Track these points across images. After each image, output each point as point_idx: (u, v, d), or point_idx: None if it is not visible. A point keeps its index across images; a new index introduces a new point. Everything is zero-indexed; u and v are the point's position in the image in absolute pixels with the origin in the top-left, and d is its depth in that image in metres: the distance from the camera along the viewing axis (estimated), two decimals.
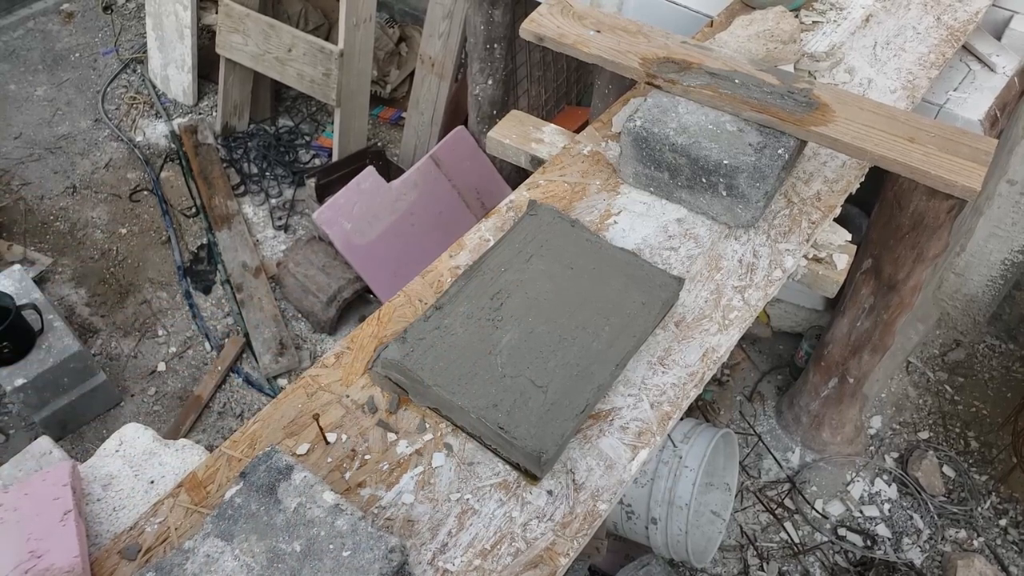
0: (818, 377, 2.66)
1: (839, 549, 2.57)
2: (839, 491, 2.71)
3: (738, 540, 2.59)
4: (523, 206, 1.49)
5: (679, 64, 1.54)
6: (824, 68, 1.79)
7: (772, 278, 1.40)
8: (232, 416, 2.88)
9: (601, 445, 1.17)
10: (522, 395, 1.16)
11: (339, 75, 3.20)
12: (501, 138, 1.71)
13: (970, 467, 2.77)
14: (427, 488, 1.12)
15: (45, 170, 3.62)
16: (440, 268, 1.40)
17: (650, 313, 1.28)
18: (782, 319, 3.03)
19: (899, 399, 2.96)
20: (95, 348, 3.02)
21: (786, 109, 1.45)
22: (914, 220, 2.13)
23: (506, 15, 2.82)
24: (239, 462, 1.14)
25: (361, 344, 1.28)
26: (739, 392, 2.95)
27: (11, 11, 4.33)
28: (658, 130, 1.45)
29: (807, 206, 1.51)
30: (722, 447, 2.38)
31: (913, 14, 1.94)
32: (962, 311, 3.09)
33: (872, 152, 1.41)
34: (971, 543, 2.59)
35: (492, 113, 3.07)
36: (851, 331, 2.48)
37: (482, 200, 3.20)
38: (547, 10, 1.67)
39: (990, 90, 1.98)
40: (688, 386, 1.25)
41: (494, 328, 1.23)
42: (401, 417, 1.20)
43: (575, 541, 1.08)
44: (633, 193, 1.53)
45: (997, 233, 2.78)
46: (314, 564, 0.95)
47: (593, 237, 1.37)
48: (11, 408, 2.82)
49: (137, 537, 1.07)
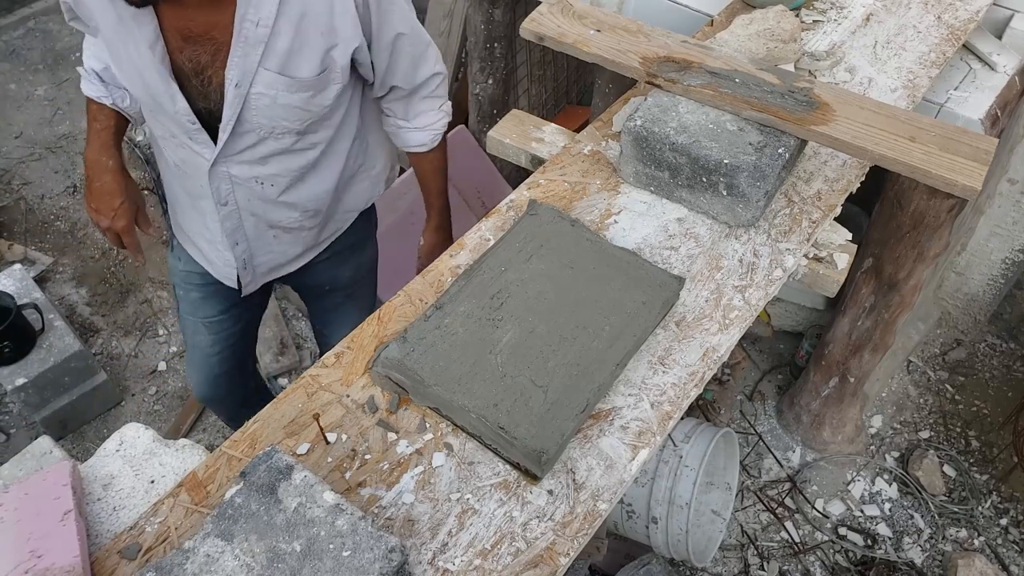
0: (819, 376, 2.65)
1: (840, 548, 2.57)
2: (840, 490, 2.71)
3: (739, 539, 2.59)
4: (523, 205, 1.49)
5: (679, 63, 1.54)
6: (825, 67, 1.79)
7: (773, 277, 1.40)
8: None
9: (601, 445, 1.17)
10: (522, 394, 1.16)
11: None
12: (501, 137, 1.71)
13: (971, 466, 2.77)
14: (427, 488, 1.12)
15: (46, 169, 3.62)
16: (440, 267, 1.40)
17: (650, 313, 1.28)
18: (783, 318, 3.03)
19: (900, 398, 2.96)
20: (96, 347, 3.02)
21: (786, 108, 1.45)
22: (915, 219, 2.13)
23: (506, 14, 2.82)
24: (239, 462, 1.14)
25: (361, 344, 1.29)
26: (740, 391, 2.95)
27: (11, 10, 4.33)
28: (658, 129, 1.45)
29: (808, 205, 1.51)
30: (723, 446, 2.38)
31: (914, 13, 1.93)
32: (963, 310, 3.09)
33: (873, 151, 1.41)
34: (972, 542, 2.59)
35: (492, 112, 3.07)
36: (852, 330, 2.48)
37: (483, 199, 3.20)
38: (547, 9, 1.67)
39: (991, 89, 1.98)
40: (688, 386, 1.25)
41: (494, 327, 1.23)
42: (401, 417, 1.20)
43: (575, 541, 1.08)
44: (633, 192, 1.53)
45: (998, 232, 2.78)
46: (314, 564, 0.95)
47: (593, 236, 1.37)
48: (12, 407, 2.83)
49: (137, 537, 1.07)
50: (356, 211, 1.82)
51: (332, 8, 1.37)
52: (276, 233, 1.71)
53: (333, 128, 1.58)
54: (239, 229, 1.66)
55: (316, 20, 1.37)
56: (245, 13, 1.33)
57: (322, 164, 1.63)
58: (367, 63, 1.51)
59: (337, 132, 1.60)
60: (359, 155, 1.71)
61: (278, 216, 1.67)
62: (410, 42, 1.52)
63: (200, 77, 1.42)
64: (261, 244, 1.72)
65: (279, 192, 1.61)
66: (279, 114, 1.46)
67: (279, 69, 1.40)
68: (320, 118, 1.52)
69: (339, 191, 1.72)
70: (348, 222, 1.82)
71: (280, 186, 1.60)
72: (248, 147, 1.52)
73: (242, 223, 1.66)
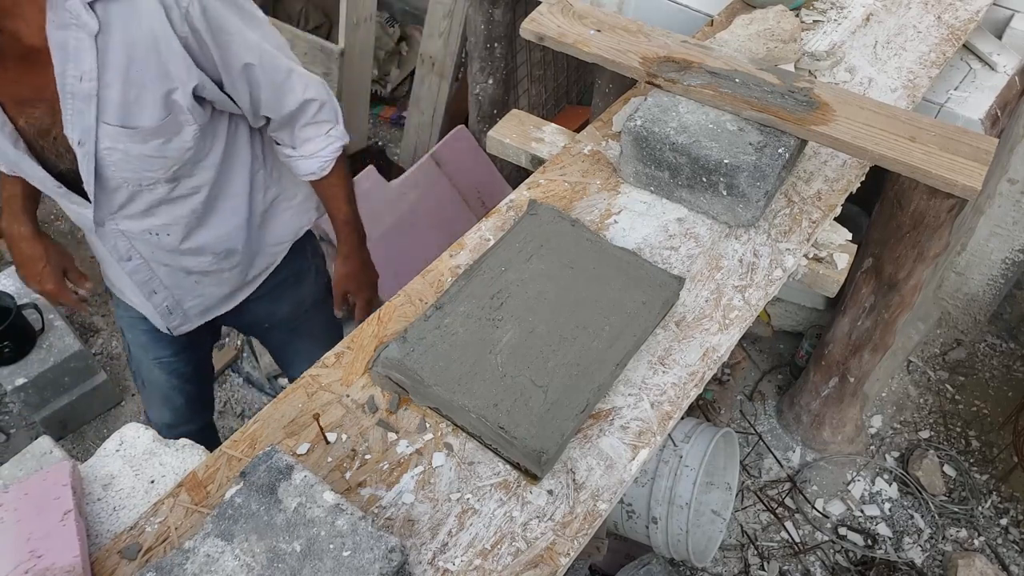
0: (819, 376, 2.66)
1: (840, 548, 2.57)
2: (840, 490, 2.71)
3: (739, 539, 2.59)
4: (523, 205, 1.49)
5: (679, 63, 1.54)
6: (825, 67, 1.79)
7: (773, 277, 1.40)
8: (232, 416, 2.88)
9: (601, 445, 1.17)
10: (522, 394, 1.16)
11: (339, 74, 3.20)
12: (501, 137, 1.71)
13: (971, 466, 2.77)
14: (427, 488, 1.12)
15: None
16: (440, 268, 1.40)
17: (650, 312, 1.28)
18: (783, 318, 3.03)
19: (900, 398, 2.96)
20: (96, 347, 3.02)
21: (786, 108, 1.45)
22: (915, 219, 2.12)
23: (506, 14, 2.82)
24: (239, 462, 1.14)
25: (361, 344, 1.28)
26: (740, 391, 2.95)
27: None
28: (658, 129, 1.45)
29: (808, 205, 1.51)
30: (723, 446, 2.38)
31: (914, 13, 1.93)
32: (963, 310, 3.09)
33: (873, 151, 1.41)
34: (972, 542, 2.59)
35: (492, 112, 3.07)
36: (852, 330, 2.48)
37: (483, 199, 3.19)
38: (547, 9, 1.67)
39: (991, 89, 1.98)
40: (688, 386, 1.25)
41: (494, 328, 1.23)
42: (401, 417, 1.20)
43: (575, 541, 1.08)
44: (633, 192, 1.53)
45: (998, 232, 2.78)
46: (314, 564, 0.95)
47: (593, 236, 1.37)
48: (12, 407, 2.83)
49: (137, 537, 1.07)
50: (286, 243, 1.77)
51: (159, 51, 1.29)
52: (196, 278, 1.68)
53: (213, 168, 1.52)
54: (152, 279, 1.64)
55: (145, 66, 1.29)
56: (65, 69, 1.27)
57: (217, 205, 1.58)
58: (222, 99, 1.43)
59: (221, 171, 1.54)
60: (268, 187, 1.66)
61: (189, 263, 1.63)
62: (264, 72, 1.43)
63: (47, 139, 1.38)
64: (184, 290, 1.69)
65: (179, 240, 1.57)
66: (137, 166, 1.40)
67: (120, 122, 1.34)
68: (189, 162, 1.46)
69: (256, 227, 1.68)
70: (279, 255, 1.78)
71: (177, 235, 1.56)
72: (125, 202, 1.47)
73: (155, 273, 1.63)
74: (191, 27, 1.30)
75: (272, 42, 1.45)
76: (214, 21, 1.32)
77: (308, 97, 1.52)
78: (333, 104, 1.60)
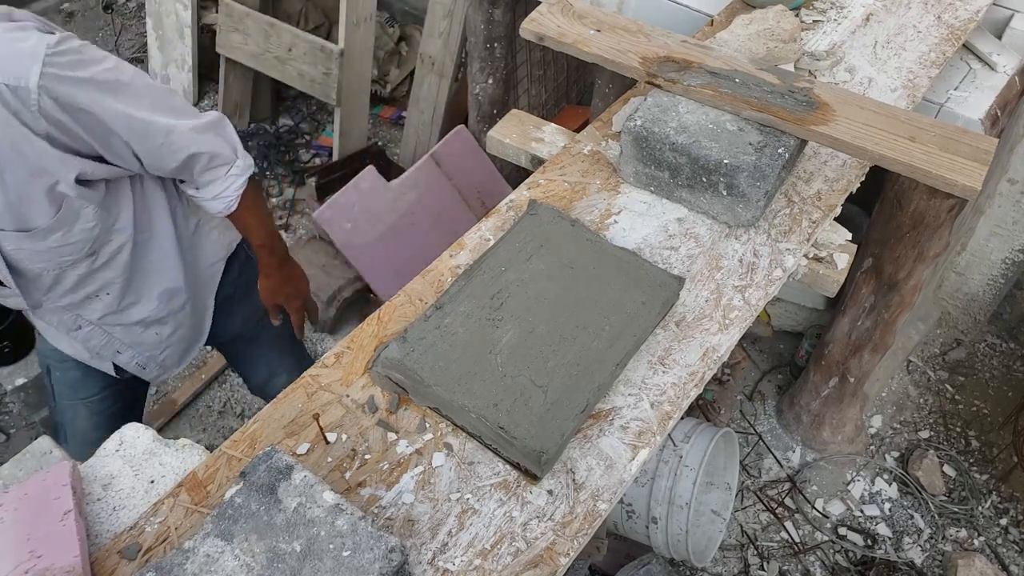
0: (818, 376, 2.65)
1: (840, 548, 2.57)
2: (839, 490, 2.71)
3: (738, 539, 2.59)
4: (523, 205, 1.49)
5: (679, 63, 1.54)
6: (824, 67, 1.79)
7: (773, 277, 1.40)
8: (232, 416, 2.88)
9: (601, 445, 1.17)
10: (522, 394, 1.16)
11: (339, 74, 3.20)
12: (501, 137, 1.71)
13: (971, 466, 2.77)
14: (427, 488, 1.12)
15: None
16: (440, 268, 1.40)
17: (650, 312, 1.28)
18: (783, 318, 3.03)
19: (900, 398, 2.96)
20: None
21: (786, 108, 1.45)
22: (915, 219, 2.12)
23: (506, 14, 2.82)
24: (239, 462, 1.14)
25: (361, 344, 1.28)
26: (740, 391, 2.95)
27: None
28: (658, 129, 1.45)
29: (808, 205, 1.51)
30: (722, 446, 2.38)
31: (914, 13, 1.93)
32: (963, 310, 3.09)
33: (872, 151, 1.41)
34: (972, 542, 2.59)
35: (492, 112, 3.07)
36: (852, 330, 2.48)
37: (483, 199, 3.20)
38: (547, 9, 1.67)
39: (991, 89, 1.98)
40: (688, 386, 1.25)
41: (494, 328, 1.23)
42: (401, 417, 1.20)
43: (575, 541, 1.08)
44: (633, 192, 1.53)
45: (998, 232, 2.78)
46: (314, 564, 0.95)
47: (593, 236, 1.37)
48: (12, 407, 2.82)
49: (137, 537, 1.07)
50: (220, 259, 1.79)
51: (23, 153, 1.26)
52: (156, 330, 1.68)
53: (128, 226, 1.50)
54: (111, 340, 1.64)
55: (18, 169, 1.27)
56: None
57: (146, 255, 1.58)
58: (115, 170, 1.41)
59: (139, 225, 1.53)
60: (187, 216, 1.66)
61: (139, 314, 1.63)
62: (137, 139, 1.38)
63: None
64: (149, 346, 1.70)
65: (119, 297, 1.57)
66: (48, 257, 1.39)
67: (14, 226, 1.33)
68: (100, 233, 1.44)
69: (188, 257, 1.68)
70: (218, 273, 1.79)
71: (116, 292, 1.56)
72: (52, 284, 1.47)
73: (111, 335, 1.63)
74: (48, 120, 1.25)
75: (145, 103, 1.38)
76: (70, 106, 1.27)
77: (193, 152, 1.47)
78: (225, 148, 1.53)
